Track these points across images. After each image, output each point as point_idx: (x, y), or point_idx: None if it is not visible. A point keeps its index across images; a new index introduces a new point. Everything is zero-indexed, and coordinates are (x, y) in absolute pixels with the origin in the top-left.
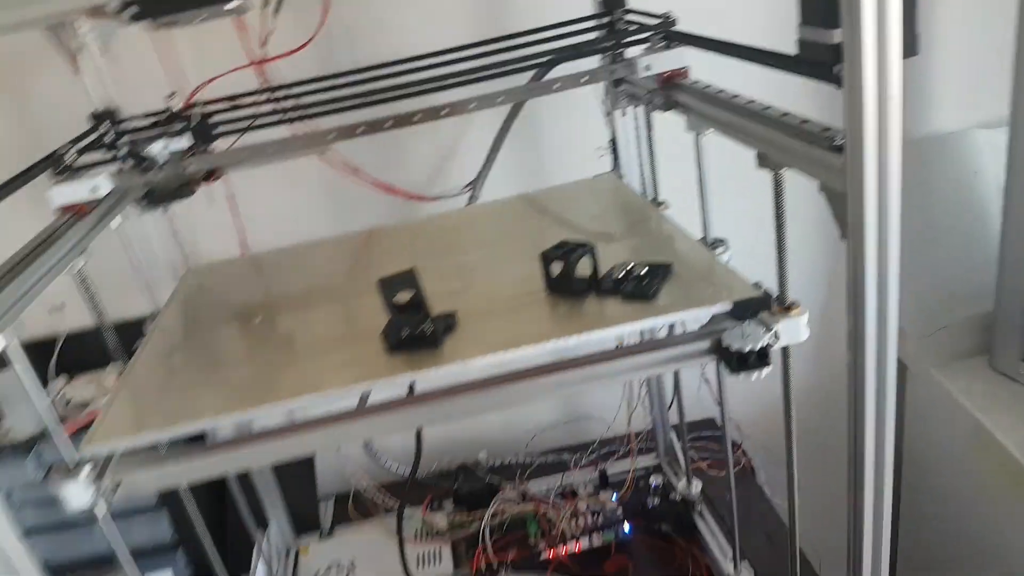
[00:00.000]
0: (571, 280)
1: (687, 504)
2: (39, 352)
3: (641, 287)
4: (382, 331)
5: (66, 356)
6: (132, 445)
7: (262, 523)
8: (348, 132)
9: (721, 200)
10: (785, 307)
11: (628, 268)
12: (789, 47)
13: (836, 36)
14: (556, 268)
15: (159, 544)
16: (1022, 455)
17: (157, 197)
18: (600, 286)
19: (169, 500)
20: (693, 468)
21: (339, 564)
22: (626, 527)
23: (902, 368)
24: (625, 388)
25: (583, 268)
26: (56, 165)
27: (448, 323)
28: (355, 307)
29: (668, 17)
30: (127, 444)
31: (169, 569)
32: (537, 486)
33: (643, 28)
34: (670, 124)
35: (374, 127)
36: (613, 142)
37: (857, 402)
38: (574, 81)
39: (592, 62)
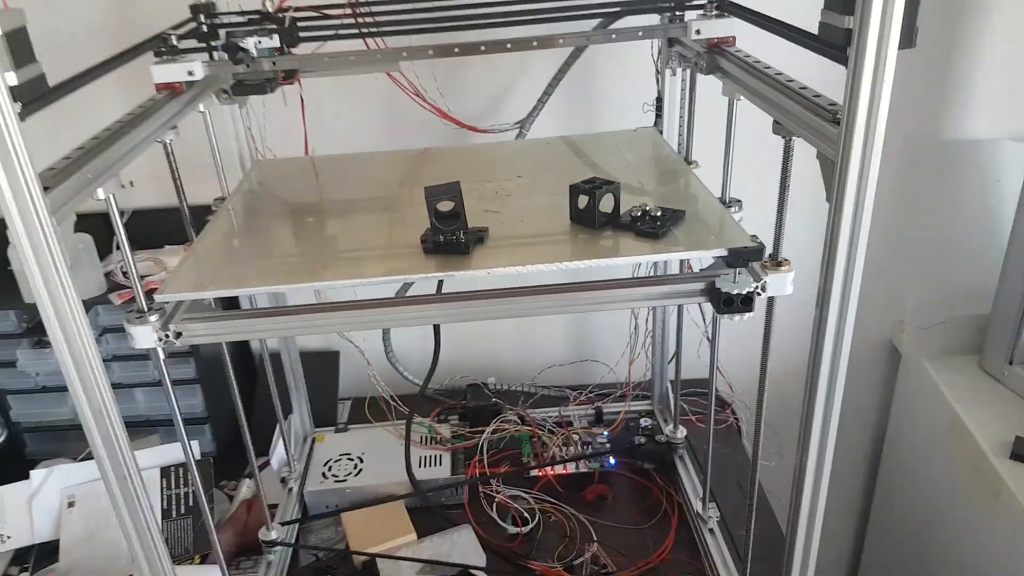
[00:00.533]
0: (594, 213)
1: (670, 446)
2: (106, 224)
3: (653, 226)
4: (422, 236)
5: (131, 231)
6: (194, 298)
7: (286, 411)
8: (418, 53)
9: (755, 167)
10: (776, 262)
11: (645, 208)
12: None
13: (848, 21)
14: (582, 201)
15: (191, 416)
16: (990, 449)
17: (243, 88)
18: (619, 222)
19: (203, 378)
20: (683, 420)
21: (350, 455)
22: (612, 460)
23: (896, 355)
24: (630, 337)
25: (606, 204)
26: (160, 46)
27: (480, 236)
28: (401, 215)
29: None
30: (191, 298)
31: (196, 441)
32: (536, 413)
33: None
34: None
35: (442, 52)
36: (659, 99)
37: (815, 358)
38: (631, 35)
39: (652, 19)
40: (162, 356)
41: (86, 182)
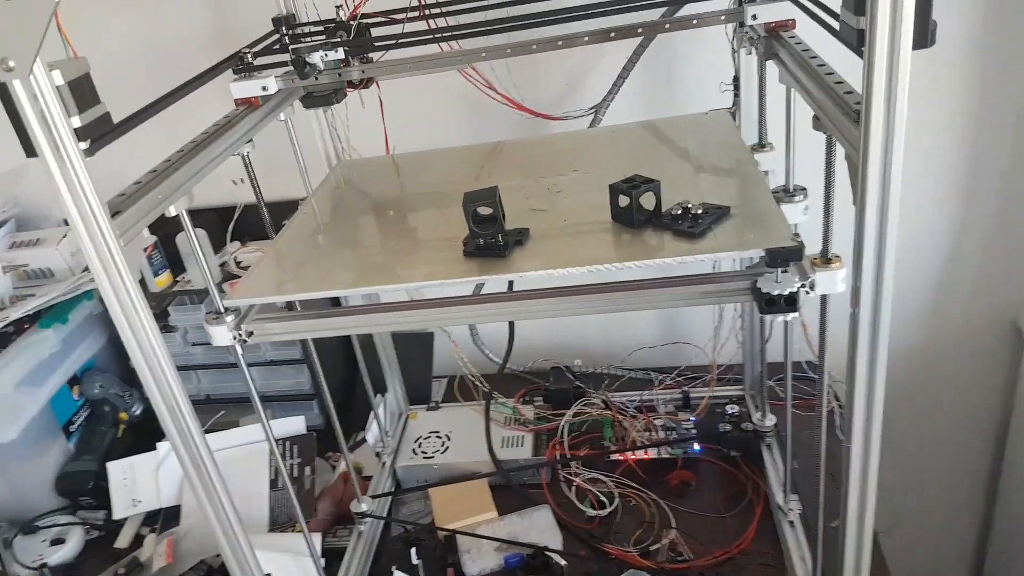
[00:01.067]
0: (633, 212)
1: (758, 435)
2: (222, 217)
3: (692, 225)
4: (464, 239)
5: (242, 224)
6: (265, 302)
7: (382, 389)
8: (497, 53)
9: None
10: (826, 260)
11: (687, 206)
12: None
13: (862, 22)
14: (622, 200)
15: (300, 393)
16: None
17: (312, 100)
18: (660, 220)
19: (309, 357)
20: (773, 406)
21: (439, 433)
22: (696, 446)
23: (1021, 337)
24: (717, 320)
25: (647, 202)
26: (237, 64)
27: (519, 238)
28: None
29: None
30: (261, 301)
31: (302, 416)
32: (621, 397)
33: None
34: None
35: (519, 49)
36: (736, 79)
37: (852, 353)
38: (684, 24)
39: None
40: (240, 352)
41: (156, 202)
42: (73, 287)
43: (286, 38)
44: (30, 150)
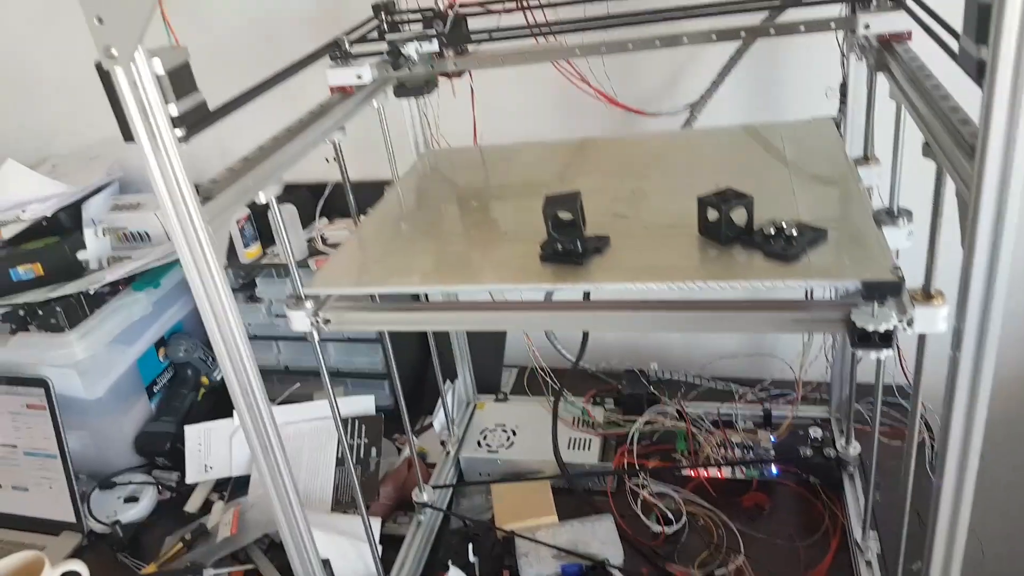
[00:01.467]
0: (722, 228)
1: (840, 463)
2: (313, 193)
3: (786, 247)
4: (541, 243)
5: (331, 201)
6: (342, 293)
7: (452, 375)
8: (591, 50)
9: None
10: (927, 295)
11: (780, 226)
12: None
13: (982, 52)
14: (711, 214)
15: (372, 371)
16: None
17: (403, 90)
18: (750, 238)
19: (383, 335)
20: (861, 431)
21: (504, 426)
22: (774, 469)
23: None
24: (810, 335)
25: (738, 217)
26: (334, 51)
27: (599, 245)
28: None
29: None
30: (340, 291)
31: (372, 396)
32: (697, 408)
33: None
34: None
35: (615, 48)
36: (844, 86)
37: (949, 399)
38: (792, 29)
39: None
40: (316, 337)
41: (246, 189)
42: (167, 253)
43: (384, 25)
44: (128, 134)
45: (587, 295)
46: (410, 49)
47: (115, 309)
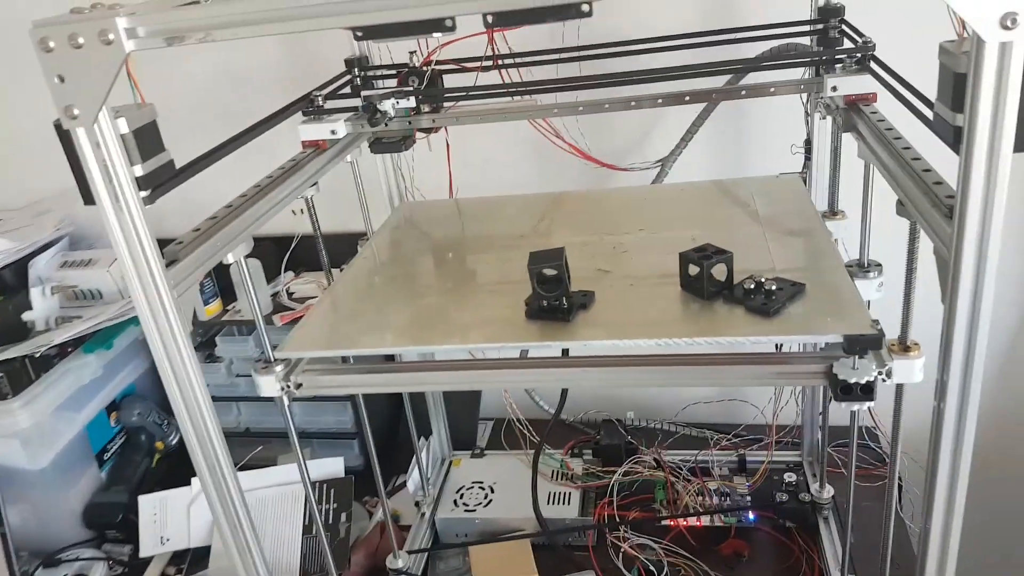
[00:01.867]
0: (704, 283)
1: (815, 506)
2: (279, 246)
3: (766, 302)
4: (526, 299)
5: (297, 253)
6: (318, 356)
7: (426, 431)
8: (569, 109)
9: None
10: (904, 347)
11: (760, 281)
12: None
13: (959, 119)
14: (693, 270)
15: (340, 431)
16: None
17: (380, 146)
18: (731, 293)
19: (356, 396)
20: (833, 473)
21: (482, 483)
22: (751, 515)
23: None
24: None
25: (719, 273)
26: (307, 106)
27: (583, 301)
28: (522, 269)
29: (868, 41)
30: (312, 354)
31: (341, 457)
32: (674, 456)
33: (848, 50)
34: None
35: (592, 108)
36: (808, 142)
37: (935, 447)
38: (761, 91)
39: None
40: (286, 403)
41: (215, 250)
42: (120, 312)
43: (358, 80)
44: (88, 198)
45: (566, 351)
46: (387, 105)
47: (63, 373)
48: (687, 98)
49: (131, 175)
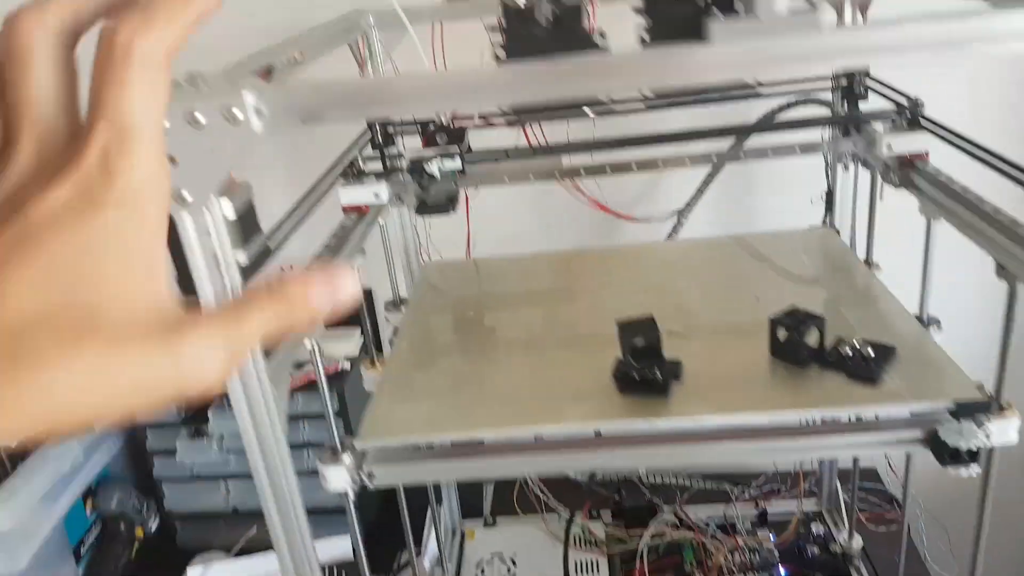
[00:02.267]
0: (797, 350)
1: (846, 558)
2: None
3: (867, 368)
4: (612, 371)
5: None
6: (397, 445)
7: (425, 500)
8: (596, 171)
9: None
10: (1000, 408)
11: (855, 346)
12: None
13: None
14: (783, 335)
15: (336, 506)
16: None
17: (427, 209)
18: (824, 358)
19: None
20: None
21: (502, 555)
22: (782, 571)
23: None
24: None
25: (810, 336)
26: (348, 170)
27: (675, 371)
28: (580, 337)
29: (918, 101)
30: (398, 443)
31: (347, 536)
32: (695, 512)
33: (888, 111)
34: None
35: (619, 168)
36: (830, 194)
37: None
38: (789, 151)
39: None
40: (351, 498)
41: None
42: None
43: (379, 137)
44: (189, 288)
45: None
46: (433, 167)
47: (43, 461)
48: (714, 158)
49: (236, 262)
